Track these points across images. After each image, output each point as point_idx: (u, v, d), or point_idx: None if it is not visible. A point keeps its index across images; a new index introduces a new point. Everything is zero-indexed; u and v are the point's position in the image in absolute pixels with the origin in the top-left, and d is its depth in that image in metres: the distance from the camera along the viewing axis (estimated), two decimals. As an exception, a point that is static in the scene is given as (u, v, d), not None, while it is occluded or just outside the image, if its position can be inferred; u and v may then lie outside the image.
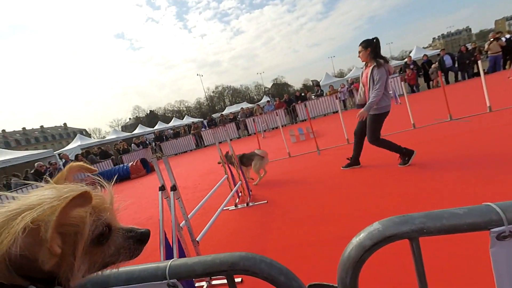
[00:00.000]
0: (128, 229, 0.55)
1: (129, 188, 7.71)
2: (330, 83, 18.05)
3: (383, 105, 3.17)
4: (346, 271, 0.55)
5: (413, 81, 12.15)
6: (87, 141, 19.15)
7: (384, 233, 0.51)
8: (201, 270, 0.55)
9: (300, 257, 1.99)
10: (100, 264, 0.51)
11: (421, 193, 2.46)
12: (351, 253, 0.55)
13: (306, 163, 4.80)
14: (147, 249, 2.13)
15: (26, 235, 0.38)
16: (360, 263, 0.54)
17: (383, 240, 0.51)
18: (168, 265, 0.58)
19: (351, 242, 0.55)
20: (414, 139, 4.46)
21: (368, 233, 0.53)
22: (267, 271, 0.53)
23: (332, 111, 13.02)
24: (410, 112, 5.23)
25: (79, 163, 0.64)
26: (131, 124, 61.28)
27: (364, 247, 0.52)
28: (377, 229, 0.52)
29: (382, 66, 3.09)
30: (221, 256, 0.55)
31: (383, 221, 0.52)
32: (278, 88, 66.70)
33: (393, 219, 0.51)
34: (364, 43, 3.20)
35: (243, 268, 0.53)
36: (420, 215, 0.50)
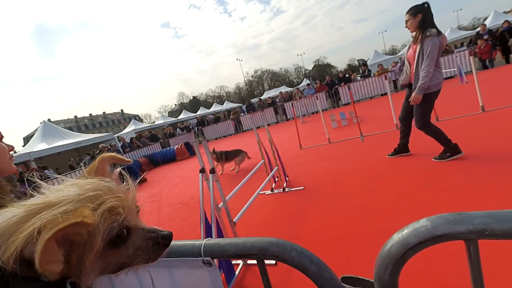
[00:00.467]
0: (150, 230, 0.52)
1: (175, 169, 8.40)
2: (380, 62, 16.35)
3: (434, 82, 2.75)
4: (385, 267, 0.51)
5: (487, 54, 10.17)
6: (140, 126, 21.29)
7: (433, 232, 0.44)
8: (232, 251, 0.57)
9: (334, 247, 1.94)
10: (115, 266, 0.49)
11: (482, 191, 2.13)
12: (391, 249, 0.50)
13: (347, 150, 4.54)
14: (190, 225, 2.31)
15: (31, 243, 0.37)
16: (401, 261, 0.49)
17: (431, 239, 0.45)
18: (203, 243, 0.61)
19: (392, 237, 0.50)
20: (481, 125, 3.83)
21: (413, 229, 0.47)
22: (297, 259, 0.52)
23: (380, 93, 11.89)
24: (479, 92, 4.45)
25: (111, 154, 0.63)
26: (176, 110, 65.66)
27: (407, 245, 0.47)
28: (424, 226, 0.46)
29: (434, 36, 2.65)
30: (251, 240, 0.56)
31: (433, 218, 0.46)
32: (320, 70, 63.27)
33: (446, 217, 0.45)
34: (413, 9, 2.77)
35: (273, 253, 0.53)
36: (481, 214, 0.42)
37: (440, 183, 2.43)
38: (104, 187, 0.47)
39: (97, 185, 0.47)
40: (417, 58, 2.78)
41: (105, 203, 0.44)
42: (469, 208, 1.88)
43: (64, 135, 14.13)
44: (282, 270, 1.80)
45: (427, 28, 2.69)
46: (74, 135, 15.02)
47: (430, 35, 2.65)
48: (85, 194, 0.43)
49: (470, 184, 2.26)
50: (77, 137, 14.75)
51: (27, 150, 12.33)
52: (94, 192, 0.44)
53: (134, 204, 0.51)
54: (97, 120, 68.01)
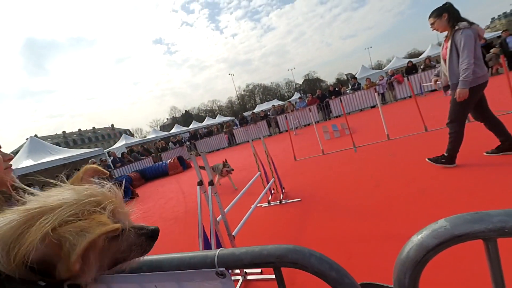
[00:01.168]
0: (139, 227, 0.57)
1: (168, 183, 8.22)
2: (367, 76, 16.99)
3: (477, 75, 2.53)
4: (404, 272, 0.51)
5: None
6: (131, 140, 20.93)
7: (453, 232, 0.45)
8: (248, 260, 0.55)
9: (339, 255, 1.91)
10: (111, 261, 0.53)
11: (474, 194, 2.18)
12: (410, 252, 0.50)
13: (342, 161, 4.59)
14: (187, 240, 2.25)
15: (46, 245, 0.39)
16: (421, 264, 0.49)
17: (451, 239, 0.45)
18: (217, 254, 0.59)
19: (410, 240, 0.50)
20: (469, 134, 3.97)
21: (432, 231, 0.47)
22: (317, 266, 0.51)
23: (369, 106, 12.25)
24: (463, 104, 4.66)
25: (93, 165, 0.68)
26: (168, 124, 65.31)
27: (427, 247, 0.47)
28: (443, 226, 0.46)
29: (466, 28, 2.49)
30: (269, 248, 0.55)
31: (451, 219, 0.47)
32: (310, 84, 64.96)
33: (464, 216, 0.45)
34: (436, 11, 2.67)
35: (291, 261, 0.52)
36: (499, 212, 0.43)
37: (439, 187, 2.47)
38: (99, 193, 0.50)
39: (93, 190, 0.50)
40: (450, 54, 2.64)
41: (107, 207, 0.48)
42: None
43: (52, 151, 13.71)
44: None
45: (457, 22, 2.57)
46: (62, 151, 14.59)
47: (460, 28, 2.52)
48: (86, 199, 0.46)
49: (465, 187, 2.31)
50: (66, 152, 14.34)
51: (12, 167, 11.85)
52: (94, 198, 0.48)
53: (123, 205, 0.56)
54: (86, 135, 66.67)
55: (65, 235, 0.39)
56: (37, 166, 11.92)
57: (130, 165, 11.85)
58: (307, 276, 0.56)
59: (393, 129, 5.47)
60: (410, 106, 7.56)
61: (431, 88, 11.03)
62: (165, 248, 3.08)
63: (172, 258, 0.64)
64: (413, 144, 4.28)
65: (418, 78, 11.22)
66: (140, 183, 9.90)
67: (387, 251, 1.76)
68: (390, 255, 1.71)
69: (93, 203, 0.46)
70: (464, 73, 2.52)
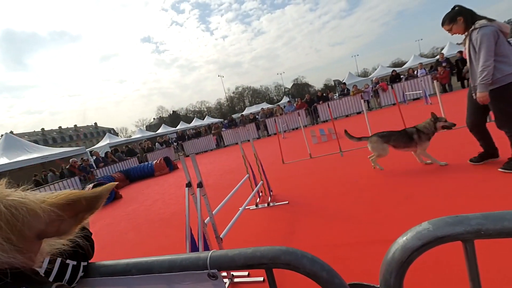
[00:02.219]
0: None
1: (154, 184, 8.03)
2: (354, 83, 17.50)
3: (500, 75, 2.33)
4: (390, 272, 0.53)
5: (446, 79, 11.39)
6: (115, 140, 20.31)
7: (435, 234, 0.48)
8: (241, 261, 0.56)
9: (327, 257, 1.95)
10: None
11: (464, 198, 2.30)
12: (396, 253, 0.52)
13: (328, 165, 4.69)
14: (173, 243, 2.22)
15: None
16: (406, 264, 0.52)
17: (434, 240, 0.48)
18: (209, 255, 0.59)
19: (396, 242, 0.53)
20: (449, 141, 4.19)
21: (416, 233, 0.50)
22: (308, 267, 0.52)
23: (355, 112, 12.61)
24: (443, 113, 4.91)
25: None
26: (155, 124, 63.91)
27: (411, 248, 0.50)
28: (426, 229, 0.49)
29: (484, 26, 2.33)
30: (262, 249, 0.56)
31: (434, 221, 0.50)
32: (299, 88, 65.95)
33: (445, 219, 0.49)
34: (448, 17, 2.57)
35: (284, 262, 0.54)
36: (477, 215, 0.47)
37: (423, 192, 2.58)
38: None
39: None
40: (468, 55, 2.54)
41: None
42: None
43: (29, 149, 13.01)
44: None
45: (474, 23, 2.42)
46: (40, 149, 13.89)
47: (477, 28, 2.37)
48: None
49: (448, 192, 2.43)
50: (44, 151, 13.66)
51: (-17, 165, 11.14)
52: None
53: None
54: (67, 133, 63.92)
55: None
56: (13, 164, 11.28)
57: (114, 165, 11.47)
58: (296, 278, 0.57)
59: (378, 135, 5.65)
60: (394, 113, 7.86)
61: (413, 97, 11.54)
62: (151, 251, 3.01)
63: (163, 260, 0.64)
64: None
65: (401, 87, 11.70)
66: (124, 184, 9.60)
67: (373, 254, 1.82)
68: (376, 257, 1.77)
69: None
70: (480, 75, 2.37)
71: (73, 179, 9.63)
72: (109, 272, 0.70)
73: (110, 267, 0.71)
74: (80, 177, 9.85)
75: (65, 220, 0.44)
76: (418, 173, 3.13)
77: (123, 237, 3.77)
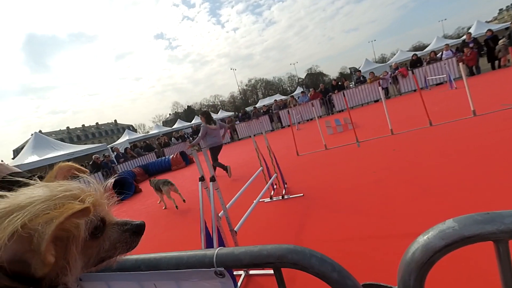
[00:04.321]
0: (123, 223, 0.55)
1: (171, 178, 8.23)
2: (371, 70, 16.76)
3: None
4: (409, 273, 0.49)
5: (473, 61, 10.50)
6: (134, 136, 21.04)
7: (462, 233, 0.43)
8: (247, 260, 0.54)
9: (341, 253, 1.90)
10: (96, 259, 0.50)
11: (497, 193, 2.14)
12: (416, 253, 0.48)
13: (344, 156, 4.56)
14: (189, 235, 2.24)
15: (15, 241, 0.36)
16: (428, 265, 0.47)
17: (460, 240, 0.43)
18: (215, 253, 0.58)
19: (416, 241, 0.48)
20: (474, 128, 3.91)
21: (439, 231, 0.45)
22: (317, 267, 0.49)
23: (373, 100, 12.11)
24: (470, 97, 4.57)
25: (68, 163, 0.63)
26: (171, 119, 65.39)
27: (434, 248, 0.45)
28: (451, 227, 0.44)
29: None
30: (268, 248, 0.53)
31: (460, 219, 0.44)
32: (313, 78, 64.36)
33: (474, 217, 0.43)
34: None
35: (292, 261, 0.51)
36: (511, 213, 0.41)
37: (444, 184, 2.44)
38: (76, 187, 0.47)
39: (68, 186, 0.47)
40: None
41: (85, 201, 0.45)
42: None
43: (56, 147, 13.82)
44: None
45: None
46: (66, 146, 14.72)
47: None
48: (61, 194, 0.43)
49: (472, 185, 2.28)
50: (70, 148, 14.46)
51: (17, 163, 11.99)
52: (70, 192, 0.45)
53: (105, 201, 0.52)
54: (90, 131, 67.13)
55: (35, 227, 0.37)
56: (42, 161, 12.04)
57: (134, 161, 11.92)
58: (308, 277, 0.54)
59: (397, 123, 5.41)
60: (415, 100, 7.45)
61: (436, 82, 10.85)
62: (168, 243, 3.10)
63: (170, 257, 0.63)
64: (417, 139, 4.22)
65: (423, 72, 11.03)
66: (143, 178, 9.97)
67: (389, 249, 1.75)
68: (392, 253, 1.70)
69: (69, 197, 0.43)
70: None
71: (96, 174, 10.14)
72: (120, 267, 0.71)
73: (121, 262, 0.71)
74: (102, 172, 10.35)
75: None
76: (441, 164, 2.95)
77: (143, 229, 3.92)
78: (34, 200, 0.40)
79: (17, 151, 39.63)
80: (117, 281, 0.73)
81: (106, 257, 0.52)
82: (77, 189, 0.46)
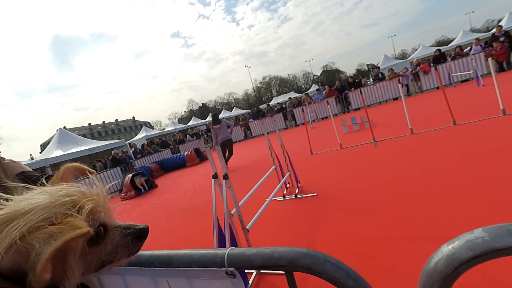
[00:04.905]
0: (126, 226, 0.54)
1: (186, 175, 8.44)
2: (390, 66, 16.12)
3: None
4: (431, 284, 0.45)
5: (504, 56, 9.80)
6: (151, 132, 21.67)
7: (493, 244, 0.39)
8: (259, 262, 0.53)
9: (354, 255, 1.85)
10: (97, 264, 0.50)
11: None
12: (439, 263, 0.44)
13: (360, 155, 4.43)
14: (202, 231, 2.27)
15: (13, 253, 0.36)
16: (452, 277, 0.43)
17: (489, 252, 0.39)
18: (227, 253, 0.57)
19: (440, 250, 0.45)
20: (504, 128, 3.65)
21: (466, 241, 0.42)
22: (332, 273, 0.47)
23: (391, 98, 11.66)
24: (499, 95, 4.27)
25: (74, 164, 0.63)
26: (186, 116, 66.69)
27: (459, 259, 0.42)
28: (481, 237, 0.40)
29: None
30: (281, 250, 0.52)
31: (490, 229, 0.41)
32: (328, 76, 63.06)
33: (507, 227, 0.39)
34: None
35: (304, 265, 0.49)
36: (553, 225, 0.37)
37: (467, 187, 2.30)
38: (76, 192, 0.47)
39: (68, 190, 0.46)
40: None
41: (84, 208, 0.44)
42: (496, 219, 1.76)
43: (79, 142, 14.52)
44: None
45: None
46: (88, 142, 15.42)
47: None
48: (60, 200, 0.43)
49: (499, 189, 2.13)
50: (91, 144, 15.14)
51: (43, 157, 12.74)
52: (69, 198, 0.44)
53: (107, 204, 0.52)
54: (110, 127, 69.94)
55: (33, 242, 0.37)
56: (66, 156, 12.70)
57: (150, 157, 12.28)
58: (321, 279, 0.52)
59: (418, 122, 5.17)
60: (437, 98, 7.09)
61: (461, 79, 10.25)
62: (182, 239, 3.17)
63: (182, 255, 0.64)
64: (439, 139, 4.02)
65: (447, 68, 10.45)
66: (159, 174, 10.25)
67: (405, 253, 1.67)
68: (408, 257, 1.63)
69: (68, 204, 0.43)
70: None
71: (115, 169, 10.56)
72: (134, 262, 0.72)
73: (135, 258, 0.73)
74: (121, 167, 10.75)
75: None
76: (466, 165, 2.79)
77: (157, 224, 4.03)
78: (34, 207, 0.40)
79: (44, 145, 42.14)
80: (132, 275, 0.74)
81: (107, 261, 0.51)
82: (78, 193, 0.46)
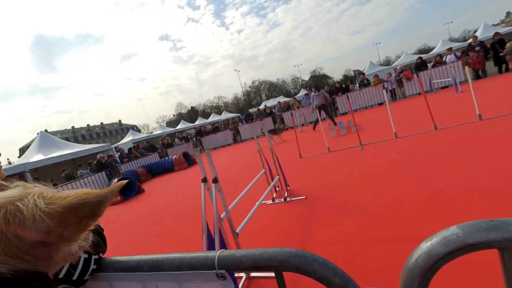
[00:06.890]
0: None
1: (174, 179, 8.29)
2: (375, 72, 16.67)
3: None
4: (412, 279, 0.48)
5: (480, 65, 10.40)
6: (138, 136, 21.18)
7: (466, 240, 0.42)
8: (249, 263, 0.54)
9: (344, 256, 1.89)
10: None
11: (486, 198, 2.12)
12: (419, 259, 0.47)
13: (348, 159, 4.53)
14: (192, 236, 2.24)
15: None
16: (431, 272, 0.46)
17: (464, 247, 0.43)
18: (217, 255, 0.58)
19: (419, 247, 0.48)
20: (480, 133, 3.86)
21: (443, 238, 0.45)
22: (320, 271, 0.49)
23: (377, 103, 12.04)
24: (476, 101, 4.52)
25: None
26: (174, 120, 65.68)
27: (437, 255, 0.45)
28: (455, 234, 0.44)
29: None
30: (270, 251, 0.53)
31: (464, 226, 0.44)
32: (317, 80, 64.23)
33: (478, 224, 0.43)
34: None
35: (294, 265, 0.51)
36: (517, 221, 0.40)
37: (450, 189, 2.41)
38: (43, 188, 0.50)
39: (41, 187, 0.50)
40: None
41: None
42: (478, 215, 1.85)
43: (61, 146, 13.97)
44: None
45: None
46: (71, 146, 14.86)
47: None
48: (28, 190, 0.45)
49: (479, 190, 2.25)
50: (75, 147, 14.60)
51: (22, 161, 12.15)
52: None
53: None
54: (95, 131, 67.82)
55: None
56: (47, 160, 12.18)
57: (137, 161, 12.00)
58: (311, 279, 0.54)
59: (402, 127, 5.37)
60: (419, 103, 7.40)
61: (442, 85, 10.76)
62: (171, 244, 3.11)
63: (172, 258, 0.64)
64: (422, 142, 4.19)
65: (428, 75, 10.95)
66: (147, 178, 10.02)
67: (392, 252, 1.73)
68: (394, 257, 1.68)
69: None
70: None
71: (100, 174, 10.22)
72: (123, 267, 0.71)
73: (124, 263, 0.72)
74: (106, 172, 10.42)
75: (69, 227, 0.43)
76: (449, 166, 2.92)
77: (147, 229, 3.94)
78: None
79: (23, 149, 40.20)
80: (120, 281, 0.73)
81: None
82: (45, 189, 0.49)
